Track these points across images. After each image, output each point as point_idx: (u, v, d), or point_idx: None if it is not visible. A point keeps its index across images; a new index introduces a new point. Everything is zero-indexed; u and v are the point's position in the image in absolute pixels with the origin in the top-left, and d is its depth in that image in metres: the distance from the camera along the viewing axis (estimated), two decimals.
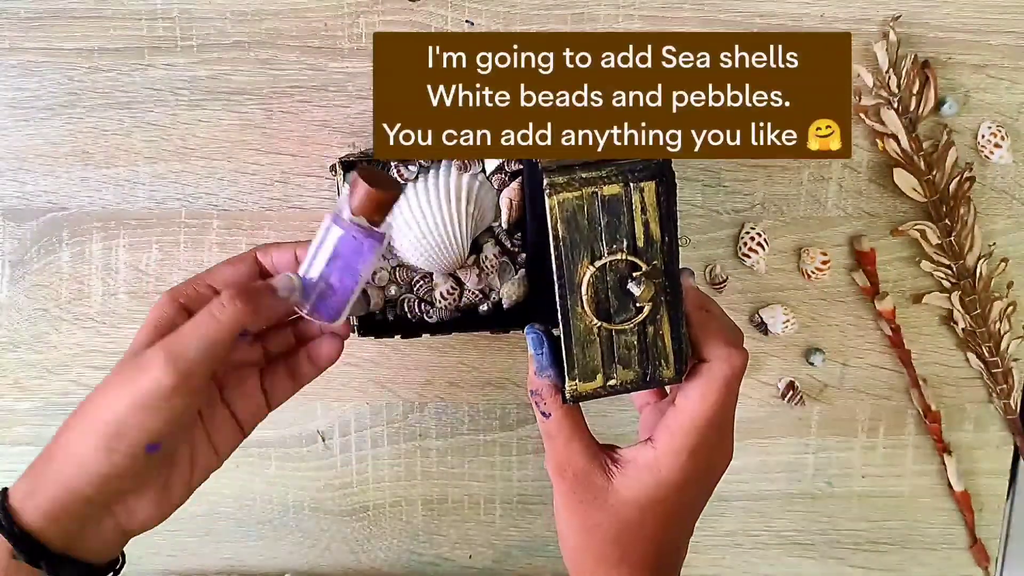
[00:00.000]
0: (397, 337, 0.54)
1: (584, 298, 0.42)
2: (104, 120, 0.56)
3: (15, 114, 0.56)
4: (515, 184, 0.55)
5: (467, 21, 0.55)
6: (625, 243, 0.42)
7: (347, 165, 0.52)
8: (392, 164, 0.54)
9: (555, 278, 0.42)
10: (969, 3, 0.56)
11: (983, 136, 0.58)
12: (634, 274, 0.42)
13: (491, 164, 0.54)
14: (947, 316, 0.61)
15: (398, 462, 0.62)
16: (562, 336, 0.42)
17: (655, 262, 0.42)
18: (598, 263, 0.42)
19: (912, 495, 0.64)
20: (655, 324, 0.43)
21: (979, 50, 0.57)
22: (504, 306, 0.56)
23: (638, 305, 0.42)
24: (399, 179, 0.53)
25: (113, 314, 0.58)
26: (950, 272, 0.59)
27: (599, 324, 0.43)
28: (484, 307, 0.56)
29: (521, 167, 0.55)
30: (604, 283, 0.42)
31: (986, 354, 0.60)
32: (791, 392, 0.61)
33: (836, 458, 0.63)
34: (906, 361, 0.61)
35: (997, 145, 0.57)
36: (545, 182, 0.41)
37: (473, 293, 0.55)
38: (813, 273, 0.59)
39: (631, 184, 0.42)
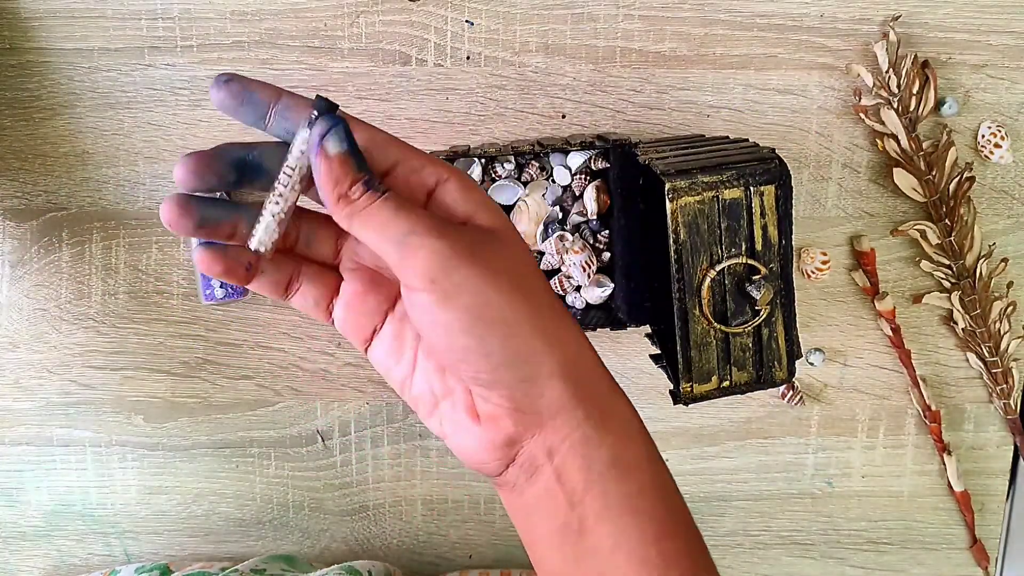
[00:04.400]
0: None
1: (703, 301, 0.42)
2: (104, 120, 0.56)
3: (15, 114, 0.56)
4: (598, 181, 0.55)
5: (467, 21, 0.55)
6: (744, 246, 0.42)
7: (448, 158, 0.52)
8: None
9: (673, 282, 0.42)
10: (969, 3, 0.56)
11: (983, 136, 0.58)
12: (753, 277, 0.42)
13: (564, 177, 0.55)
14: (947, 316, 0.61)
15: (398, 462, 0.62)
16: (678, 340, 0.42)
17: (772, 265, 0.42)
18: (718, 267, 0.42)
19: (912, 495, 0.64)
20: (770, 326, 0.43)
21: (979, 50, 0.57)
22: (591, 303, 0.56)
23: (756, 308, 0.42)
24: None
25: (113, 314, 0.58)
26: (950, 272, 0.59)
27: (716, 327, 0.42)
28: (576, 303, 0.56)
29: (607, 165, 0.54)
30: (722, 286, 0.42)
31: (986, 354, 0.60)
32: (791, 392, 0.61)
33: (836, 458, 0.63)
34: (906, 361, 0.61)
35: (997, 145, 0.57)
36: (667, 186, 0.41)
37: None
38: (813, 273, 0.59)
39: (751, 188, 0.42)
